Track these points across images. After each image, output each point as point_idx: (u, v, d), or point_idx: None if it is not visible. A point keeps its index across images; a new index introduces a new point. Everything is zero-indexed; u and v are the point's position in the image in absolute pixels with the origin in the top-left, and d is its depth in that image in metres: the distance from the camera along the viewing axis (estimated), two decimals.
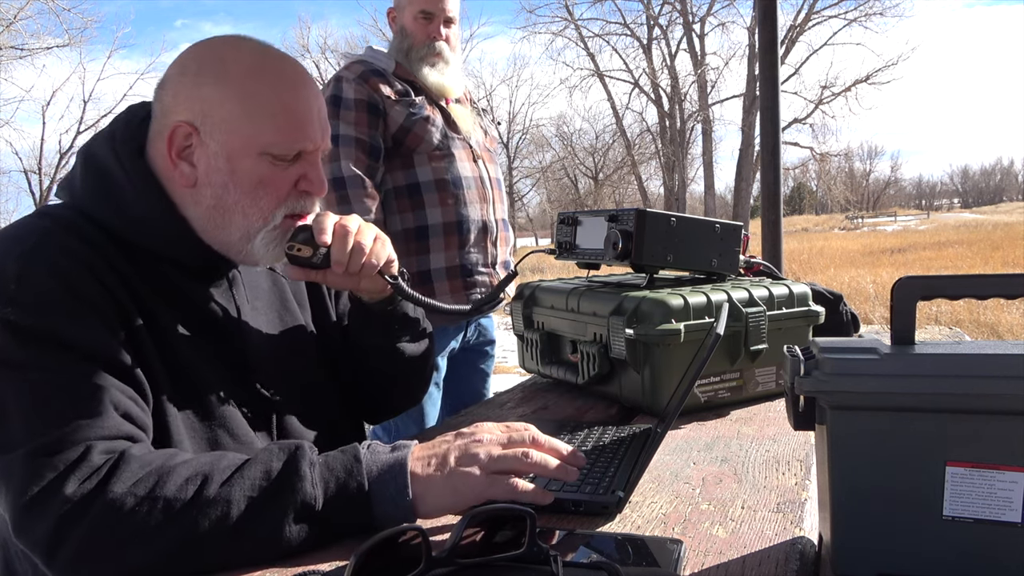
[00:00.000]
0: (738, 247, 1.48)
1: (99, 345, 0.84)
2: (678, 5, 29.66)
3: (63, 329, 0.82)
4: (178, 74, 0.95)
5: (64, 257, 0.86)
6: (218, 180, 0.94)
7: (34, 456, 0.76)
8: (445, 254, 2.08)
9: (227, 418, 0.95)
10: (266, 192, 0.95)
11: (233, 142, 0.93)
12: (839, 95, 28.17)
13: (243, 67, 0.94)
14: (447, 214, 2.08)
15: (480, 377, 2.33)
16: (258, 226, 0.96)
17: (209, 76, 0.93)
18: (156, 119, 0.96)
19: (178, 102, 0.94)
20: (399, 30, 2.18)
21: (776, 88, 3.02)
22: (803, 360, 0.69)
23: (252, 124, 0.92)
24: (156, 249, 0.95)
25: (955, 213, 58.01)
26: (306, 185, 0.98)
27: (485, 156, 2.21)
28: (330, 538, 0.80)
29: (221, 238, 0.97)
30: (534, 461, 0.84)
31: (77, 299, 0.84)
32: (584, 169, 37.51)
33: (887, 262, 14.27)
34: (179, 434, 0.90)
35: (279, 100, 0.94)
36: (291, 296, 1.14)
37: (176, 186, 0.95)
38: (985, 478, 0.65)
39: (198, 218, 0.96)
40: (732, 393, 1.32)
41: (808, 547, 0.78)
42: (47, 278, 0.84)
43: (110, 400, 0.82)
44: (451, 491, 0.81)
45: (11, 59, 22.31)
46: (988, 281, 0.70)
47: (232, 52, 0.95)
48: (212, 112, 0.92)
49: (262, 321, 1.06)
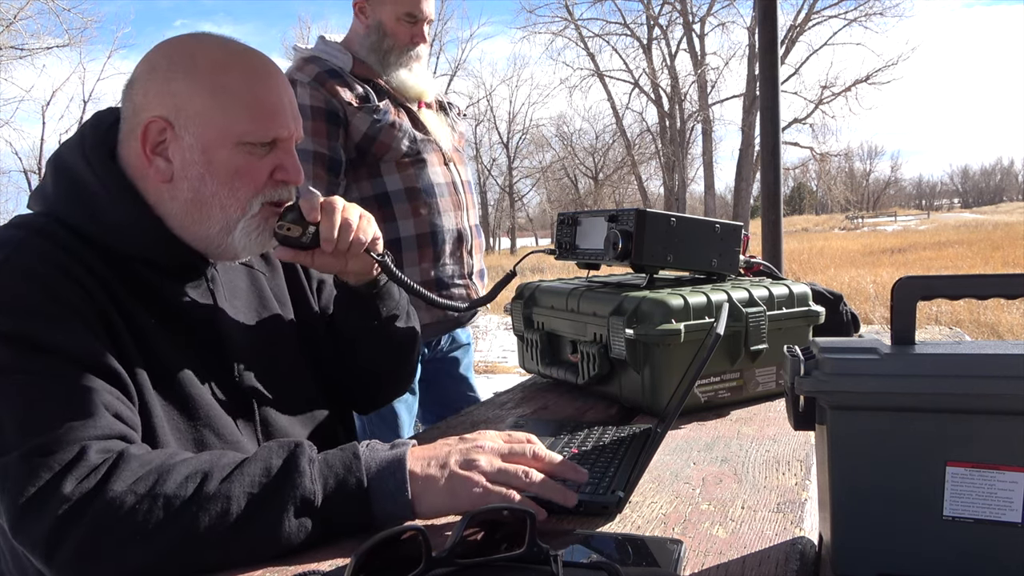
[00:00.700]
0: (738, 247, 1.48)
1: (83, 348, 0.84)
2: (678, 5, 29.69)
3: (46, 334, 0.83)
4: (147, 72, 0.96)
5: (42, 264, 0.87)
6: (194, 172, 0.94)
7: (29, 457, 0.76)
8: (419, 267, 1.94)
9: (211, 417, 0.95)
10: (243, 182, 0.96)
11: (208, 134, 0.94)
12: (839, 95, 28.19)
13: (212, 60, 0.95)
14: (420, 225, 1.93)
15: (457, 383, 2.19)
16: (236, 216, 0.97)
17: (179, 71, 0.94)
18: (127, 119, 0.97)
19: (149, 99, 0.94)
20: (374, 27, 1.98)
21: (776, 88, 3.02)
22: (803, 360, 0.69)
23: (226, 115, 0.94)
24: (132, 251, 0.95)
25: (955, 213, 58.04)
26: (282, 174, 0.99)
27: (456, 158, 2.07)
28: (329, 535, 0.80)
29: (200, 232, 0.97)
30: (534, 481, 0.83)
31: (58, 304, 0.85)
32: (584, 169, 37.56)
33: (887, 262, 14.28)
34: (165, 435, 0.90)
35: (250, 90, 0.96)
36: (270, 293, 1.14)
37: (151, 184, 0.96)
38: (985, 478, 0.65)
39: (175, 214, 0.96)
40: (732, 393, 1.32)
41: (808, 547, 0.78)
42: (26, 284, 0.85)
43: (100, 401, 0.82)
44: (449, 493, 0.81)
45: (11, 59, 22.34)
46: (988, 281, 0.70)
47: (199, 47, 0.97)
48: (185, 106, 0.93)
49: (241, 318, 1.06)
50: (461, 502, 0.81)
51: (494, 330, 9.10)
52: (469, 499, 0.81)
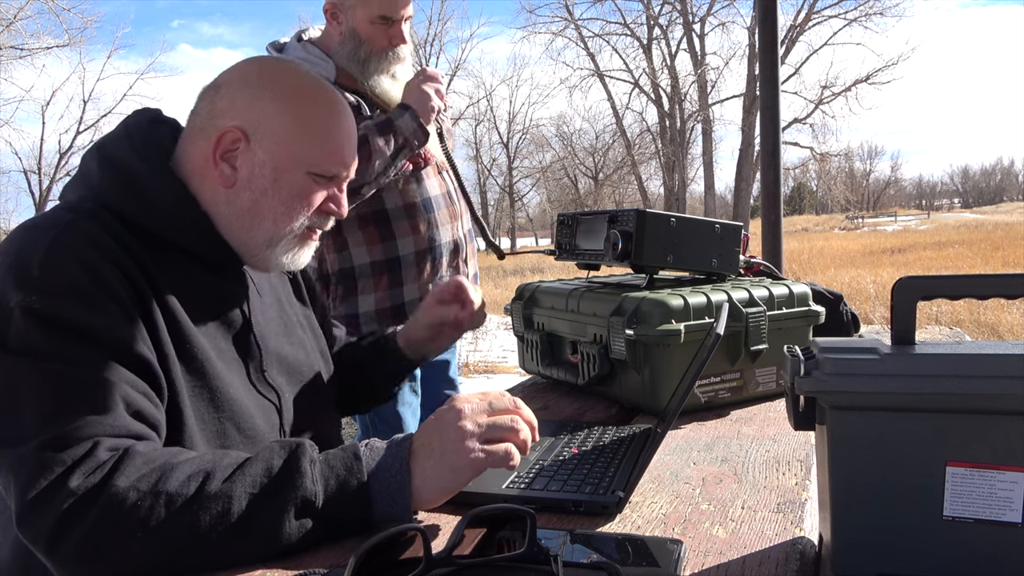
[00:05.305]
0: (738, 247, 1.48)
1: (116, 336, 0.85)
2: (678, 5, 29.68)
3: (85, 319, 0.83)
4: (239, 82, 1.01)
5: (89, 246, 0.88)
6: (259, 186, 0.99)
7: (44, 450, 0.77)
8: (418, 284, 1.91)
9: (235, 411, 0.97)
10: (300, 205, 1.01)
11: (282, 154, 0.99)
12: (839, 95, 28.18)
13: (301, 89, 1.02)
14: (419, 242, 1.89)
15: (447, 385, 2.19)
16: (283, 233, 1.02)
17: (269, 91, 0.99)
18: (200, 116, 1.01)
19: (235, 108, 0.99)
20: (349, 34, 1.86)
21: (776, 88, 3.02)
22: (803, 360, 0.69)
23: (303, 143, 0.99)
24: (177, 240, 0.98)
25: (955, 213, 58.03)
26: (333, 207, 1.05)
27: (444, 165, 2.00)
28: (330, 535, 0.80)
29: (244, 239, 1.01)
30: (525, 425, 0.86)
31: (100, 288, 0.86)
32: (584, 169, 37.55)
33: (887, 262, 14.27)
34: (190, 424, 0.91)
35: (329, 125, 1.02)
36: (284, 296, 1.19)
37: (208, 183, 0.99)
38: (985, 478, 0.65)
39: (225, 217, 1.00)
40: (732, 393, 1.32)
41: (808, 547, 0.78)
42: (72, 267, 0.86)
43: (123, 397, 0.82)
44: (449, 471, 0.82)
45: (11, 59, 22.35)
46: (988, 281, 0.70)
47: (292, 74, 1.04)
48: (267, 124, 0.98)
49: (269, 316, 1.10)
50: (463, 474, 0.82)
51: (494, 330, 9.10)
52: (471, 468, 0.82)
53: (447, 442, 0.83)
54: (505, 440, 0.84)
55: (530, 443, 0.86)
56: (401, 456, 0.83)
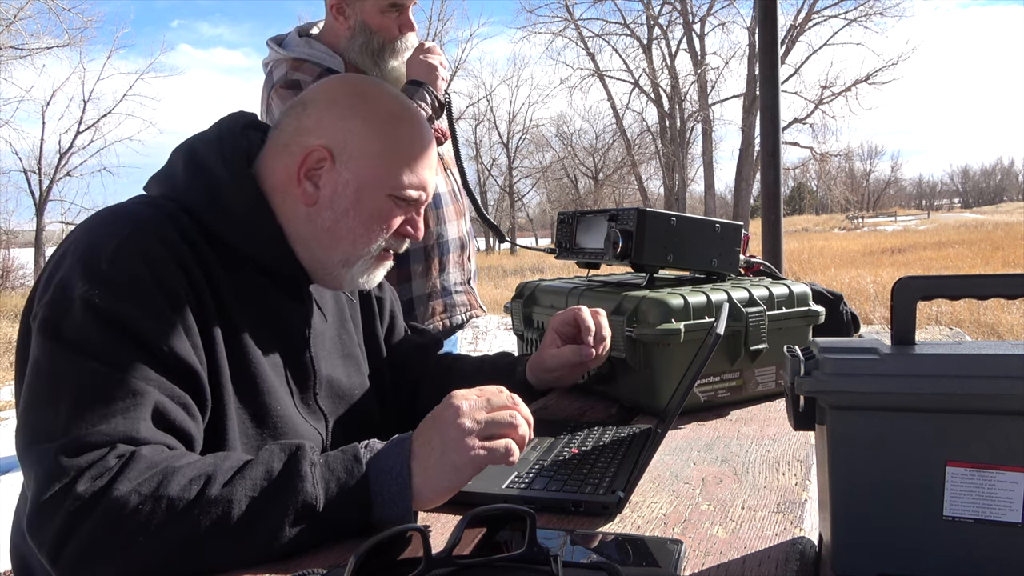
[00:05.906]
0: (738, 247, 1.48)
1: (168, 343, 0.85)
2: (678, 5, 29.69)
3: (138, 322, 0.83)
4: (327, 101, 1.01)
5: (160, 246, 0.88)
6: (341, 206, 0.99)
7: (62, 455, 0.77)
8: (426, 279, 1.94)
9: (280, 429, 0.97)
10: (380, 226, 1.01)
11: (367, 176, 0.99)
12: (839, 95, 28.16)
13: (390, 111, 1.03)
14: (427, 237, 1.91)
15: None
16: (361, 254, 1.02)
17: (359, 112, 1.00)
18: (285, 133, 1.01)
19: (322, 126, 0.99)
20: (359, 27, 1.88)
21: (776, 88, 3.02)
22: (803, 360, 0.69)
23: (388, 165, 1.00)
24: (249, 251, 0.98)
25: (955, 213, 58.04)
26: (411, 230, 1.05)
27: (448, 161, 2.03)
28: (331, 537, 0.80)
29: (321, 257, 1.02)
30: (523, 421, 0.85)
31: (162, 292, 0.86)
32: (584, 169, 37.55)
33: (887, 262, 14.28)
34: (233, 437, 0.91)
35: (414, 149, 1.02)
36: (349, 317, 1.19)
37: (289, 200, 1.00)
38: (985, 478, 0.65)
39: (303, 234, 1.00)
40: (732, 393, 1.31)
41: (808, 547, 0.78)
42: (139, 267, 0.86)
43: (157, 404, 0.82)
44: (451, 469, 0.82)
45: (11, 59, 22.32)
46: (988, 281, 0.70)
47: (382, 95, 1.04)
48: (354, 144, 0.99)
49: (328, 338, 1.11)
50: (464, 472, 0.82)
51: (494, 330, 9.09)
52: (472, 465, 0.82)
53: (447, 440, 0.82)
54: (504, 436, 0.83)
55: (528, 439, 0.86)
56: (402, 457, 0.83)
